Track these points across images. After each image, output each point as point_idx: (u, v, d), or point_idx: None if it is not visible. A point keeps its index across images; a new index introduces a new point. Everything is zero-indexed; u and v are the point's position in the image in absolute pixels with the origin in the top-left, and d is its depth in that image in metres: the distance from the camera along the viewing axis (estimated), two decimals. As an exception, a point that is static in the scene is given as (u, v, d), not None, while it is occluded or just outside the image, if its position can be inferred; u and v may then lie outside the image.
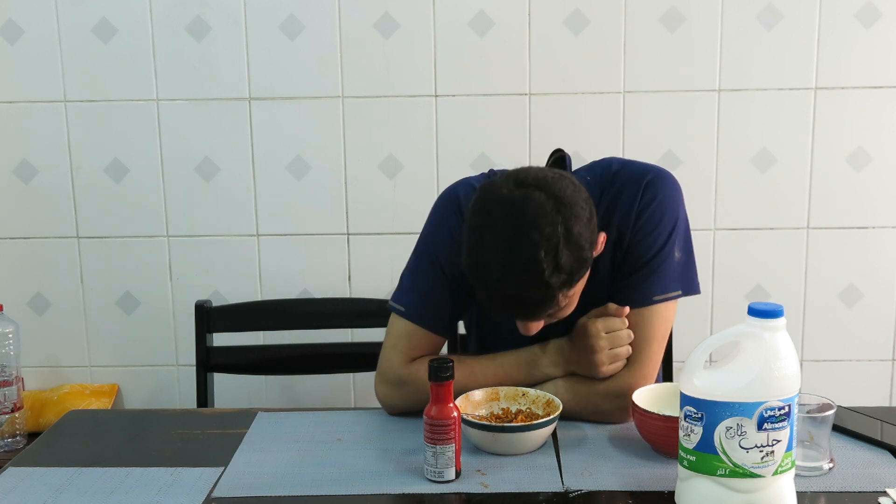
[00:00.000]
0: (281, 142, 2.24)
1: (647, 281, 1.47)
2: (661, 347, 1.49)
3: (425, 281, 1.54)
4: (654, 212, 1.48)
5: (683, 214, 1.52)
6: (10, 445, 2.05)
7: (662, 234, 1.47)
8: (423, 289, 1.54)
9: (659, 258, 1.47)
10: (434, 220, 1.58)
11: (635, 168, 1.52)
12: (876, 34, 2.14)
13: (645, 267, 1.47)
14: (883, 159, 2.20)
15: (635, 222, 1.48)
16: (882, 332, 2.28)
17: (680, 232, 1.50)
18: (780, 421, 1.10)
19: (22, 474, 1.34)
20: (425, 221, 1.59)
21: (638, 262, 1.48)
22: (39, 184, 2.28)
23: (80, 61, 2.22)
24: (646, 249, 1.47)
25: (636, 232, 1.48)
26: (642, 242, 1.47)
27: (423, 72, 2.19)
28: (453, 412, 1.27)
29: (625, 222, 1.48)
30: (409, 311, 1.53)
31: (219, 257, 2.30)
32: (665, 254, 1.47)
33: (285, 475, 1.31)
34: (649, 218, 1.48)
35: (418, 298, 1.53)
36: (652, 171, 1.51)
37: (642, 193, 1.48)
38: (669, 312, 1.49)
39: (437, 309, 1.54)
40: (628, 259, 1.49)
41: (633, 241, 1.48)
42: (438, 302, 1.53)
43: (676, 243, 1.49)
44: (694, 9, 2.15)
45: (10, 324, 2.07)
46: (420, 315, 1.53)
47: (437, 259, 1.53)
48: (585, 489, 1.25)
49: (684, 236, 1.51)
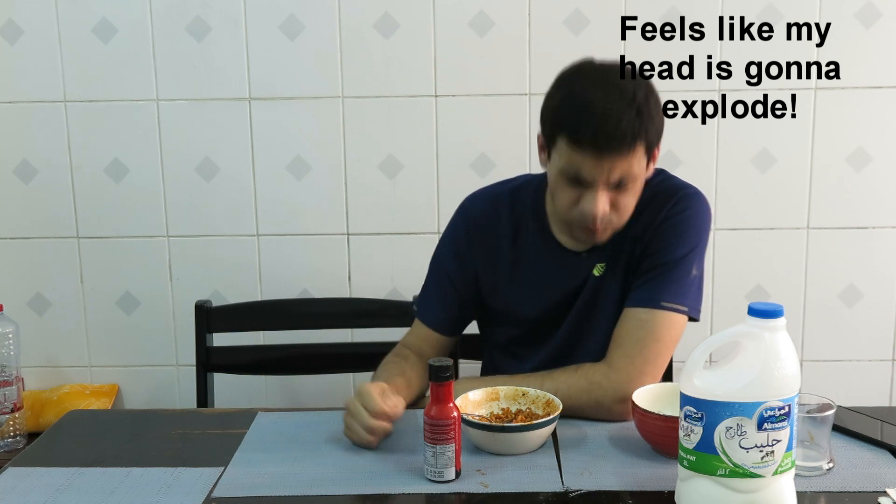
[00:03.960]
0: (281, 142, 2.24)
1: (661, 284, 1.49)
2: (666, 350, 1.49)
3: (434, 289, 1.68)
4: (681, 221, 1.52)
5: (707, 239, 1.55)
6: (10, 445, 2.05)
7: (686, 244, 1.50)
8: (429, 293, 1.69)
9: (676, 266, 1.50)
10: (444, 234, 1.68)
11: (676, 181, 1.58)
12: (876, 34, 2.14)
13: (660, 268, 1.50)
14: (883, 159, 2.20)
15: (660, 225, 1.51)
16: (882, 332, 2.28)
17: (700, 253, 1.53)
18: (780, 421, 1.10)
19: (22, 474, 1.34)
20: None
21: (655, 262, 1.50)
22: (39, 184, 2.28)
23: (80, 61, 2.22)
24: (666, 253, 1.50)
25: (660, 234, 1.51)
26: (662, 245, 1.51)
27: (423, 72, 2.19)
28: (453, 412, 1.27)
29: (650, 223, 1.52)
30: (418, 308, 1.70)
31: (219, 257, 2.30)
32: (683, 265, 1.50)
33: (285, 475, 1.31)
34: (676, 225, 1.51)
35: (426, 300, 1.69)
36: (691, 188, 1.57)
37: (675, 202, 1.53)
38: (677, 322, 1.50)
39: (439, 310, 1.66)
40: (646, 258, 1.51)
41: (654, 242, 1.51)
42: (443, 304, 1.65)
43: (696, 260, 1.52)
44: (693, 9, 2.14)
45: (10, 324, 2.07)
46: (422, 313, 1.68)
47: (447, 274, 1.64)
48: (585, 489, 1.24)
49: (702, 260, 1.54)
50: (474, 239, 1.62)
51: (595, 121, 1.37)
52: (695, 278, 1.52)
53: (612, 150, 1.38)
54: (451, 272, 1.64)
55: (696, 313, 1.53)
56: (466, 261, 1.63)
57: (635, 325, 1.48)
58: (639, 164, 1.42)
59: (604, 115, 1.37)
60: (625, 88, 1.39)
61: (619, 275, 1.55)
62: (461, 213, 1.66)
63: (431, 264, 1.68)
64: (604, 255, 1.56)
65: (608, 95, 1.38)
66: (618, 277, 1.55)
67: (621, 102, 1.37)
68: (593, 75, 1.44)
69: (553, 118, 1.44)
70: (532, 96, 2.19)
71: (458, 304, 1.65)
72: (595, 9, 2.16)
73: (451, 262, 1.64)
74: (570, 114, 1.40)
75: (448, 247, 1.66)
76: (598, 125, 1.37)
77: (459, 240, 1.64)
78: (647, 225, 1.52)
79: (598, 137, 1.37)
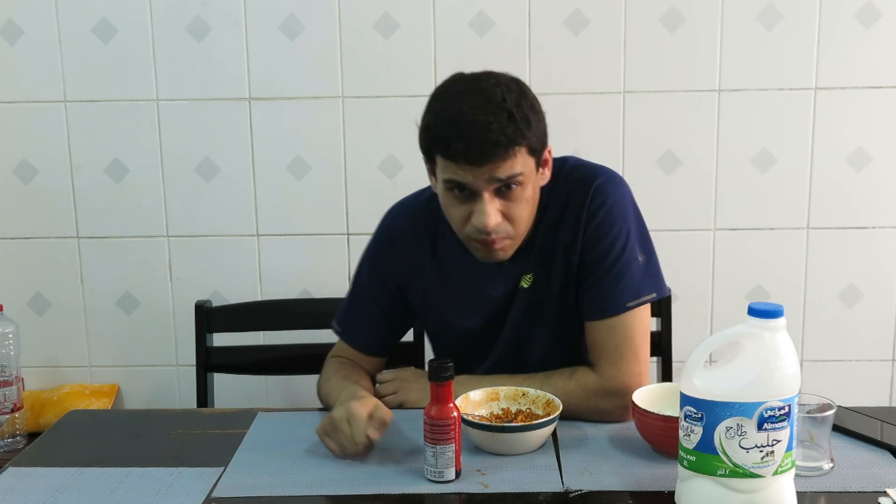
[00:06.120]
0: (281, 142, 2.24)
1: (617, 288, 1.47)
2: (644, 344, 1.49)
3: (356, 308, 1.65)
4: (604, 218, 1.48)
5: (635, 216, 1.52)
6: (10, 445, 2.05)
7: (619, 239, 1.48)
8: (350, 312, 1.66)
9: (621, 263, 1.47)
10: (365, 250, 1.66)
11: (585, 170, 1.53)
12: (876, 34, 2.14)
13: (609, 274, 1.47)
14: (883, 159, 2.20)
15: (586, 227, 1.48)
16: (882, 332, 2.28)
17: (636, 235, 1.50)
18: (780, 421, 1.10)
19: (22, 474, 1.34)
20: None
21: (600, 269, 1.48)
22: (39, 184, 2.28)
23: (80, 61, 2.22)
24: (605, 256, 1.47)
25: (590, 238, 1.48)
26: (600, 249, 1.48)
27: (423, 72, 2.19)
28: (453, 412, 1.27)
29: (576, 225, 1.49)
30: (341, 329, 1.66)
31: (219, 257, 2.30)
32: (626, 259, 1.48)
33: (285, 475, 1.31)
34: (600, 224, 1.48)
35: (348, 320, 1.65)
36: (601, 174, 1.51)
37: (591, 198, 1.49)
38: (645, 314, 1.50)
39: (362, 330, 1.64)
40: (589, 267, 1.49)
41: (589, 247, 1.48)
42: (366, 324, 1.63)
43: (637, 247, 1.49)
44: (694, 9, 2.15)
45: (10, 324, 2.07)
46: (346, 333, 1.65)
47: (369, 292, 1.62)
48: (585, 489, 1.24)
49: (642, 238, 1.51)
50: (393, 253, 1.60)
51: (465, 132, 1.34)
52: (643, 263, 1.49)
53: (488, 158, 1.35)
54: (371, 289, 1.61)
55: (661, 292, 1.51)
56: (385, 275, 1.60)
57: (607, 333, 1.47)
58: (523, 167, 1.38)
59: (472, 125, 1.33)
60: (492, 95, 1.36)
61: (554, 283, 1.52)
62: (380, 227, 1.64)
63: (352, 282, 1.65)
64: (530, 265, 1.52)
65: (475, 105, 1.35)
66: (552, 286, 1.52)
67: (489, 109, 1.34)
68: (459, 87, 1.41)
69: (426, 137, 1.41)
70: (532, 96, 2.19)
71: (385, 322, 1.62)
72: (595, 9, 2.16)
73: (369, 277, 1.62)
74: (441, 130, 1.37)
75: (367, 263, 1.63)
76: (469, 136, 1.34)
77: (377, 255, 1.62)
78: (574, 228, 1.49)
79: (470, 148, 1.34)
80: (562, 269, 1.51)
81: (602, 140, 2.20)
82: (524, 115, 1.36)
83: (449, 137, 1.36)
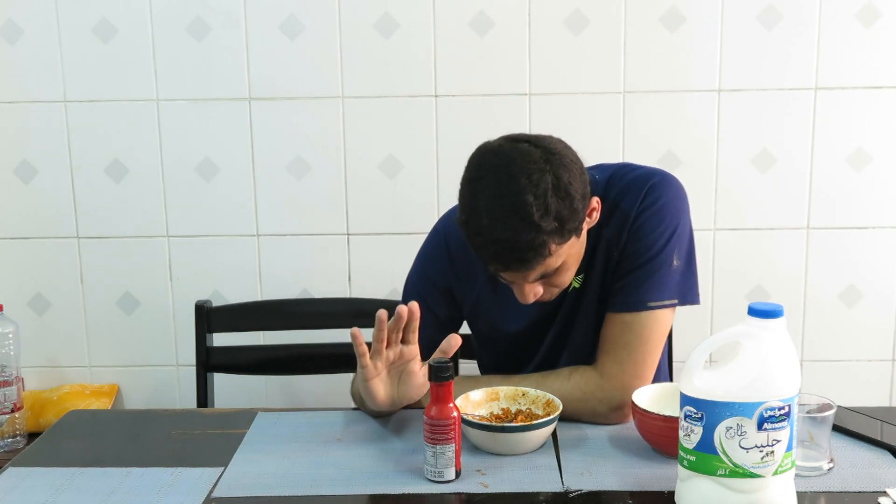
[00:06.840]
0: (281, 142, 2.24)
1: (644, 285, 1.45)
2: (656, 350, 1.47)
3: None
4: (653, 214, 1.46)
5: (686, 222, 1.50)
6: (10, 445, 2.05)
7: (661, 237, 1.46)
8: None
9: (656, 262, 1.46)
10: (417, 257, 1.65)
11: (643, 171, 1.52)
12: (876, 34, 2.14)
13: (641, 269, 1.46)
14: (883, 159, 2.20)
15: (633, 222, 1.47)
16: (882, 332, 2.28)
17: (680, 239, 1.48)
18: (780, 421, 1.10)
19: (22, 474, 1.34)
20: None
21: (634, 263, 1.46)
22: (39, 184, 2.28)
23: (80, 61, 2.22)
24: (643, 251, 1.46)
25: (634, 232, 1.47)
26: (639, 244, 1.46)
27: (423, 72, 2.19)
28: (453, 412, 1.27)
29: (623, 222, 1.47)
30: None
31: (219, 257, 2.30)
32: (663, 258, 1.46)
33: (285, 475, 1.31)
34: (648, 220, 1.46)
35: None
36: (658, 174, 1.50)
37: (645, 195, 1.47)
38: (665, 318, 1.48)
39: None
40: (624, 259, 1.48)
41: (630, 241, 1.47)
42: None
43: (676, 250, 1.47)
44: (694, 9, 2.15)
45: (10, 324, 2.07)
46: None
47: (421, 297, 1.55)
48: (585, 489, 1.24)
49: (686, 244, 1.50)
50: (446, 259, 1.59)
51: (494, 252, 1.33)
52: (678, 268, 1.47)
53: (517, 268, 1.35)
54: (421, 290, 1.60)
55: (689, 299, 1.49)
56: (437, 279, 1.60)
57: (622, 329, 1.46)
58: (559, 256, 1.37)
59: (499, 243, 1.31)
60: (518, 206, 1.29)
61: (598, 280, 1.51)
62: (434, 231, 1.64)
63: (404, 288, 1.64)
64: (581, 266, 1.51)
65: (500, 222, 1.30)
66: (596, 283, 1.52)
67: (516, 225, 1.30)
68: (487, 191, 1.33)
69: (461, 227, 1.38)
70: (532, 96, 2.19)
71: (432, 322, 1.57)
72: (595, 9, 2.16)
73: (420, 279, 1.61)
74: (472, 241, 1.36)
75: (418, 265, 1.63)
76: (498, 255, 1.33)
77: (430, 258, 1.61)
78: (622, 224, 1.48)
79: (499, 263, 1.35)
80: (603, 265, 1.50)
81: (602, 140, 2.20)
82: (554, 221, 1.31)
83: (479, 254, 1.36)
